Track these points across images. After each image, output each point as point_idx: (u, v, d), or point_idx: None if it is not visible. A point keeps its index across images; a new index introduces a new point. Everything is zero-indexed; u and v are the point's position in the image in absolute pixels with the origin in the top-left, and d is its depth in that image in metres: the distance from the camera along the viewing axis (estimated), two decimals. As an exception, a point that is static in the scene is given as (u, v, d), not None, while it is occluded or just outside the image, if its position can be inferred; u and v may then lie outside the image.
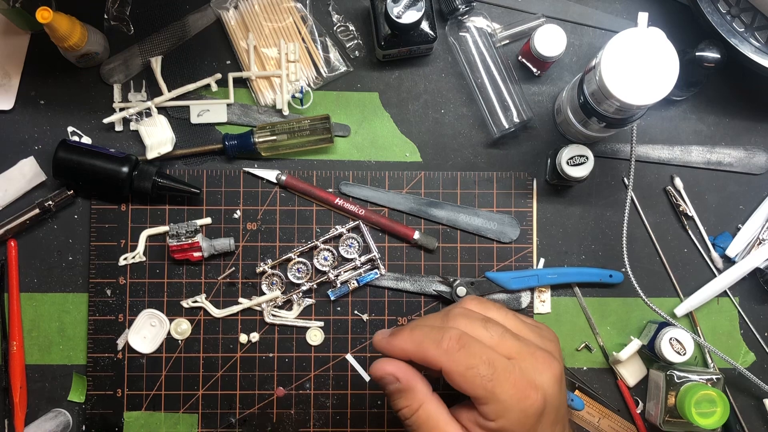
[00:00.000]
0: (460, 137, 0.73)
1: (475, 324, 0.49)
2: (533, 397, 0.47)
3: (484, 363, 0.47)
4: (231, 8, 0.72)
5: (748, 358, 0.72)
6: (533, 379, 0.48)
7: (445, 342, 0.47)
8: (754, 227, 0.73)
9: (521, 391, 0.47)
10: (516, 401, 0.46)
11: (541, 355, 0.49)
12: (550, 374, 0.48)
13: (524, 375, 0.47)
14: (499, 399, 0.46)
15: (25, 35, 0.72)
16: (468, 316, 0.50)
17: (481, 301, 0.53)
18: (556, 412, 0.49)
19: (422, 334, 0.49)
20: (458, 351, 0.47)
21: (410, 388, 0.49)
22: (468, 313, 0.51)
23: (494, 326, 0.49)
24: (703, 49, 0.66)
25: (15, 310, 0.70)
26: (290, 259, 0.71)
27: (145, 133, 0.71)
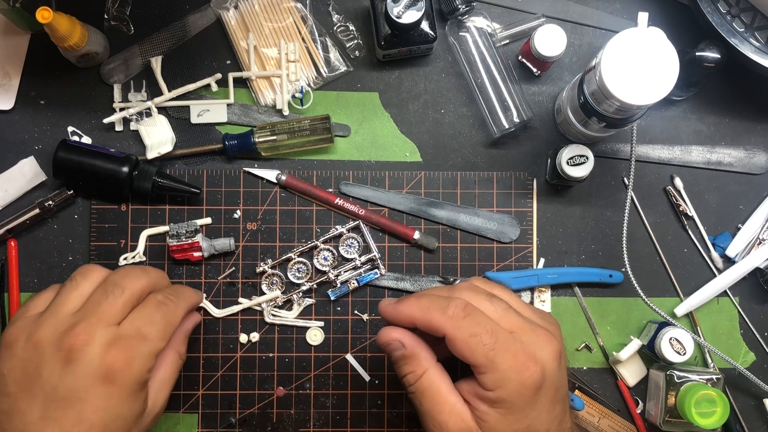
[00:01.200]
0: (460, 137, 0.73)
1: (480, 297, 0.51)
2: (532, 369, 0.48)
3: (487, 332, 0.48)
4: (231, 8, 0.72)
5: (748, 358, 0.72)
6: (533, 352, 0.49)
7: (451, 309, 0.49)
8: (754, 227, 0.73)
9: (521, 363, 0.48)
10: (515, 372, 0.48)
11: (542, 332, 0.50)
12: (550, 350, 0.50)
13: (525, 348, 0.49)
14: (498, 368, 0.48)
15: (25, 35, 0.72)
16: (473, 290, 0.52)
17: (486, 280, 0.56)
18: (555, 390, 0.50)
19: (429, 301, 0.51)
20: (463, 318, 0.49)
21: (415, 355, 0.51)
22: (474, 288, 0.53)
23: (498, 301, 0.51)
24: (703, 49, 0.66)
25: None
26: (290, 259, 0.71)
27: (145, 133, 0.71)
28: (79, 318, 0.52)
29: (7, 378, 0.51)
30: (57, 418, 0.49)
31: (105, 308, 0.53)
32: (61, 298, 0.54)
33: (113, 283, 0.54)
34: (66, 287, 0.55)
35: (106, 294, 0.54)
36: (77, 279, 0.55)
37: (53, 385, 0.50)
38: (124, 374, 0.51)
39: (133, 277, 0.56)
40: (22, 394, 0.50)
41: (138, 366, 0.52)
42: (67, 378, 0.50)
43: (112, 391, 0.51)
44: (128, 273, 0.56)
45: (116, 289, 0.54)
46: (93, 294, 0.54)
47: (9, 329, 0.53)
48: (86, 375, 0.50)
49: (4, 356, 0.52)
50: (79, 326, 0.51)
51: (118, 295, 0.54)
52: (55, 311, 0.53)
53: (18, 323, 0.54)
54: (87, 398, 0.50)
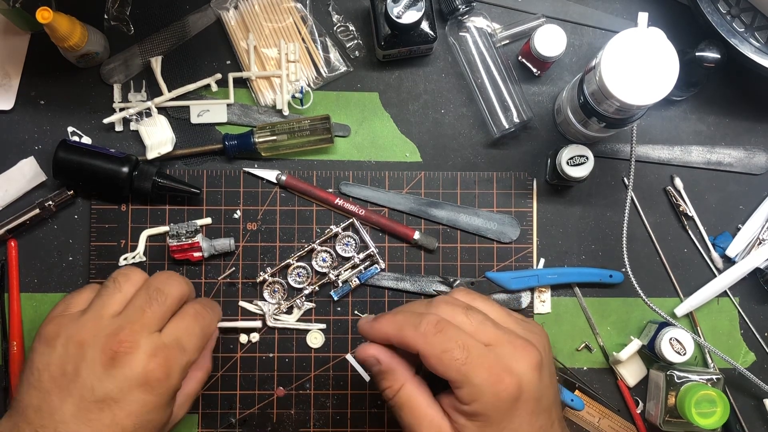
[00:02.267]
0: (460, 137, 0.73)
1: (456, 311, 0.51)
2: (507, 381, 0.48)
3: (458, 347, 0.48)
4: (231, 8, 0.72)
5: (748, 358, 0.72)
6: (509, 364, 0.48)
7: (423, 326, 0.49)
8: (754, 227, 0.73)
9: (494, 375, 0.48)
10: (489, 385, 0.48)
11: (520, 343, 0.50)
12: (527, 362, 0.49)
13: (499, 360, 0.48)
14: (472, 382, 0.48)
15: (25, 35, 0.72)
16: (450, 303, 0.52)
17: (468, 292, 0.55)
18: (536, 402, 0.49)
19: (403, 318, 0.51)
20: (434, 335, 0.49)
21: (391, 370, 0.52)
22: (451, 301, 0.52)
23: (475, 314, 0.51)
24: (703, 49, 0.66)
25: (15, 310, 0.70)
26: (289, 265, 0.71)
27: (145, 133, 0.71)
28: (124, 322, 0.53)
29: (42, 373, 0.51)
30: (91, 419, 0.50)
31: (149, 315, 0.53)
32: (104, 300, 0.54)
33: (157, 289, 0.55)
34: (108, 288, 0.55)
35: (150, 300, 0.54)
36: (120, 281, 0.56)
37: (91, 386, 0.50)
38: (162, 384, 0.52)
39: (175, 284, 0.56)
40: (56, 390, 0.51)
41: (175, 377, 0.53)
42: (107, 381, 0.50)
43: (148, 398, 0.51)
44: (169, 279, 0.57)
45: (160, 296, 0.54)
46: (136, 298, 0.55)
47: (48, 325, 0.54)
48: (127, 381, 0.51)
49: (42, 351, 0.52)
50: (124, 331, 0.52)
51: (162, 303, 0.54)
52: (98, 312, 0.53)
53: (58, 320, 0.54)
54: (123, 403, 0.50)
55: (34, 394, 0.51)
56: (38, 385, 0.51)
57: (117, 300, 0.54)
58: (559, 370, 0.71)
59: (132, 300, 0.55)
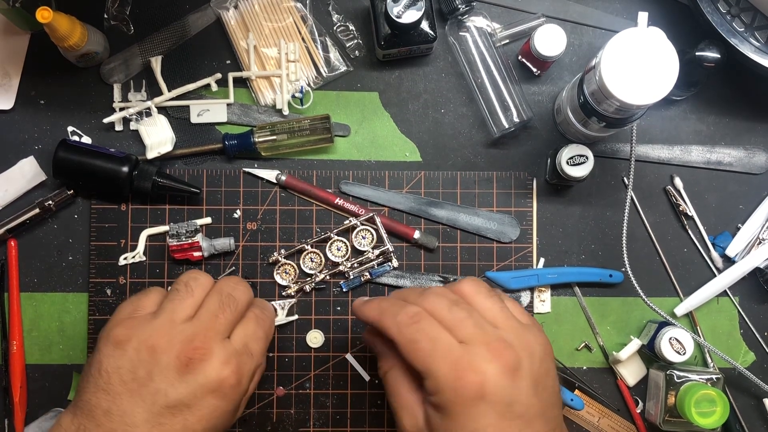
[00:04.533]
0: (460, 137, 0.73)
1: (441, 304, 0.52)
2: (468, 379, 0.48)
3: (427, 339, 0.50)
4: (231, 8, 0.72)
5: (748, 357, 0.72)
6: (477, 364, 0.49)
7: (401, 315, 0.51)
8: (754, 227, 0.73)
9: (457, 371, 0.48)
10: (449, 380, 0.48)
11: (496, 345, 0.50)
12: (498, 364, 0.49)
13: (468, 358, 0.49)
14: (434, 375, 0.49)
15: (25, 35, 0.72)
16: (440, 295, 0.53)
17: (477, 283, 0.55)
18: (507, 406, 0.49)
19: (387, 305, 0.54)
20: (408, 326, 0.51)
21: (382, 353, 0.55)
22: (442, 293, 0.53)
23: (459, 309, 0.52)
24: (703, 49, 0.66)
25: (15, 310, 0.70)
26: (303, 250, 0.71)
27: (145, 133, 0.71)
28: (197, 328, 0.53)
29: (112, 376, 0.51)
30: (163, 423, 0.50)
31: (222, 321, 0.54)
32: (176, 304, 0.54)
33: (228, 295, 0.55)
34: (180, 292, 0.55)
35: (222, 306, 0.55)
36: (192, 285, 0.56)
37: (164, 391, 0.50)
38: (234, 390, 0.52)
39: (244, 289, 0.57)
40: (127, 394, 0.50)
41: (246, 382, 0.54)
42: (181, 387, 0.50)
43: (220, 404, 0.52)
44: (238, 285, 0.57)
45: (232, 302, 0.55)
46: (208, 303, 0.55)
47: (118, 327, 0.53)
48: (200, 387, 0.51)
49: (112, 354, 0.52)
50: (198, 338, 0.52)
51: (234, 309, 0.55)
52: (171, 317, 0.53)
53: (129, 322, 0.53)
54: (195, 408, 0.51)
55: (103, 396, 0.51)
56: (107, 387, 0.51)
57: (189, 305, 0.54)
58: (558, 369, 0.71)
59: (204, 305, 0.55)
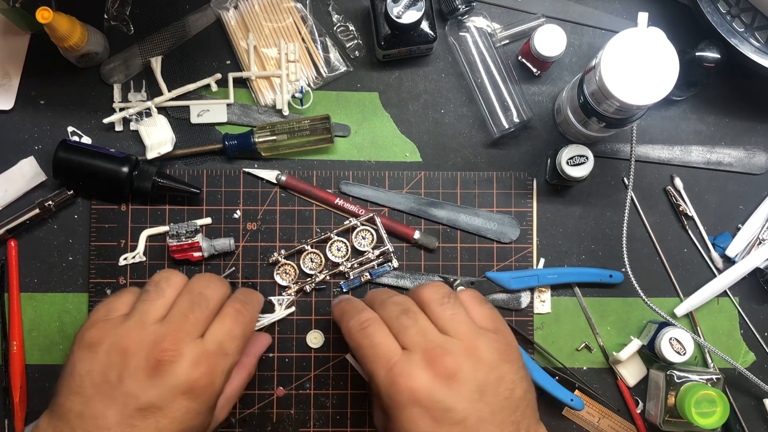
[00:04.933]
0: (460, 137, 0.73)
1: (392, 311, 0.55)
2: (401, 384, 0.51)
3: (369, 345, 0.53)
4: (231, 8, 0.72)
5: (748, 358, 0.72)
6: (411, 371, 0.51)
7: (353, 322, 0.56)
8: (754, 227, 0.73)
9: (392, 378, 0.51)
10: (386, 385, 0.52)
11: (434, 353, 0.52)
12: (432, 371, 0.51)
13: (404, 365, 0.52)
14: (374, 379, 0.53)
15: (25, 35, 0.72)
16: (395, 303, 0.56)
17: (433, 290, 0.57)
18: (443, 412, 0.50)
19: (349, 309, 0.58)
20: (357, 331, 0.55)
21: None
22: (400, 302, 0.56)
23: (407, 317, 0.54)
24: (703, 49, 0.66)
25: (15, 310, 0.70)
26: (303, 250, 0.71)
27: (145, 133, 0.71)
28: (167, 330, 0.52)
29: (85, 379, 0.51)
30: (135, 425, 0.50)
31: (192, 321, 0.53)
32: (147, 305, 0.54)
33: (199, 294, 0.55)
34: (151, 293, 0.55)
35: (192, 305, 0.54)
36: (162, 285, 0.55)
37: (135, 393, 0.50)
38: (206, 391, 0.52)
39: (216, 287, 0.57)
40: (99, 397, 0.50)
41: (219, 382, 0.53)
42: (152, 389, 0.50)
43: (192, 405, 0.51)
44: (210, 282, 0.57)
45: (203, 301, 0.55)
46: (178, 303, 0.54)
47: (90, 330, 0.53)
48: (171, 389, 0.51)
49: (84, 357, 0.52)
50: (167, 340, 0.51)
51: (204, 308, 0.54)
52: (141, 318, 0.53)
53: (101, 324, 0.53)
54: (167, 410, 0.50)
55: (76, 399, 0.51)
56: (80, 390, 0.51)
57: (160, 305, 0.54)
58: (559, 369, 0.71)
59: (174, 305, 0.54)
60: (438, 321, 0.54)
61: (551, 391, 0.68)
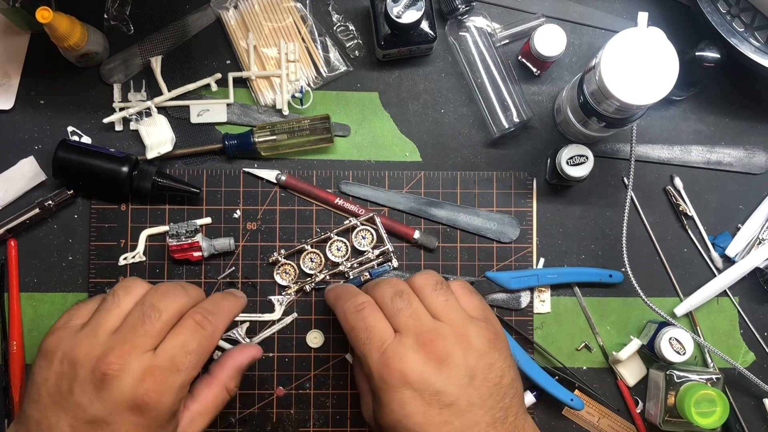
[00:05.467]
0: (460, 137, 0.73)
1: (385, 294, 0.56)
2: (392, 367, 0.52)
3: (364, 327, 0.54)
4: (231, 8, 0.72)
5: (748, 357, 0.72)
6: (404, 353, 0.52)
7: (348, 304, 0.57)
8: (754, 227, 0.73)
9: (384, 360, 0.52)
10: (377, 367, 0.53)
11: (427, 337, 0.53)
12: (424, 354, 0.52)
13: (397, 348, 0.53)
14: (367, 361, 0.54)
15: (25, 35, 0.72)
16: (390, 285, 0.57)
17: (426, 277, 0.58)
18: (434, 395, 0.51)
19: (343, 293, 0.59)
20: (352, 314, 0.56)
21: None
22: (393, 284, 0.57)
23: (401, 300, 0.55)
24: (703, 49, 0.66)
25: (15, 310, 0.70)
26: (303, 250, 0.71)
27: (145, 133, 0.71)
28: (116, 342, 0.51)
29: (41, 387, 0.51)
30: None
31: (140, 334, 0.52)
32: (102, 315, 0.53)
33: (151, 305, 0.53)
34: (108, 302, 0.54)
35: (143, 317, 0.52)
36: (119, 294, 0.54)
37: (83, 405, 0.50)
38: (153, 407, 0.50)
39: (173, 297, 0.54)
40: (53, 407, 0.50)
41: (169, 398, 0.51)
42: (98, 402, 0.50)
43: (140, 421, 0.50)
44: (168, 292, 0.55)
45: (154, 313, 0.53)
46: (131, 314, 0.53)
47: (49, 338, 0.53)
48: (116, 403, 0.50)
49: (42, 365, 0.52)
50: (114, 353, 0.50)
51: (155, 320, 0.53)
52: (94, 329, 0.52)
53: (58, 333, 0.53)
54: (115, 424, 0.50)
55: (34, 407, 0.51)
56: (37, 399, 0.51)
57: (114, 316, 0.53)
58: (558, 369, 0.71)
59: (126, 317, 0.53)
60: (430, 306, 0.56)
61: (551, 390, 0.69)
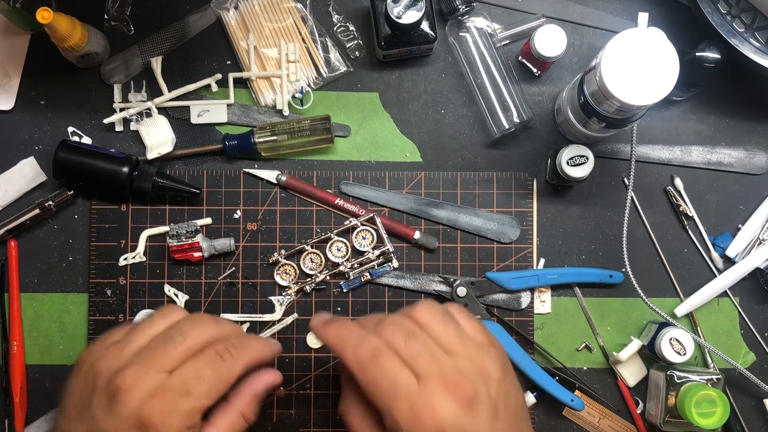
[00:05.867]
0: (460, 137, 0.73)
1: (398, 335, 0.51)
2: (426, 419, 0.47)
3: (386, 379, 0.49)
4: (231, 8, 0.72)
5: (748, 358, 0.72)
6: (434, 403, 0.48)
7: (361, 351, 0.50)
8: (754, 227, 0.73)
9: (415, 413, 0.48)
10: (407, 422, 0.48)
11: (452, 379, 0.49)
12: (455, 399, 0.48)
13: (425, 396, 0.48)
14: (393, 415, 0.48)
15: (25, 35, 0.72)
16: (397, 325, 0.52)
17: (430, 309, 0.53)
18: None
19: (347, 335, 0.52)
20: (368, 362, 0.50)
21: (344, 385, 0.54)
22: (399, 322, 0.52)
23: (415, 341, 0.51)
24: (703, 49, 0.66)
25: (15, 310, 0.70)
26: (303, 250, 0.71)
27: (145, 134, 0.71)
28: (136, 359, 0.52)
29: (69, 397, 0.52)
30: None
31: (161, 354, 0.52)
32: (133, 334, 0.54)
33: (178, 329, 0.53)
34: (143, 323, 0.55)
35: (166, 340, 0.53)
36: (155, 317, 0.55)
37: (97, 418, 0.50)
38: (158, 427, 0.49)
39: (202, 326, 0.54)
40: (75, 417, 0.51)
41: (175, 421, 0.50)
42: (108, 416, 0.50)
43: None
44: (197, 321, 0.55)
45: (178, 336, 0.53)
46: (158, 335, 0.54)
47: (84, 350, 0.54)
48: (123, 419, 0.49)
49: (73, 375, 0.53)
50: (130, 368, 0.50)
51: (178, 343, 0.52)
52: (122, 345, 0.53)
53: (92, 346, 0.54)
54: None
55: (63, 417, 0.52)
56: (65, 409, 0.52)
57: (144, 335, 0.54)
58: (559, 370, 0.71)
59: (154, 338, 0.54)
60: (442, 341, 0.52)
61: (551, 391, 0.69)
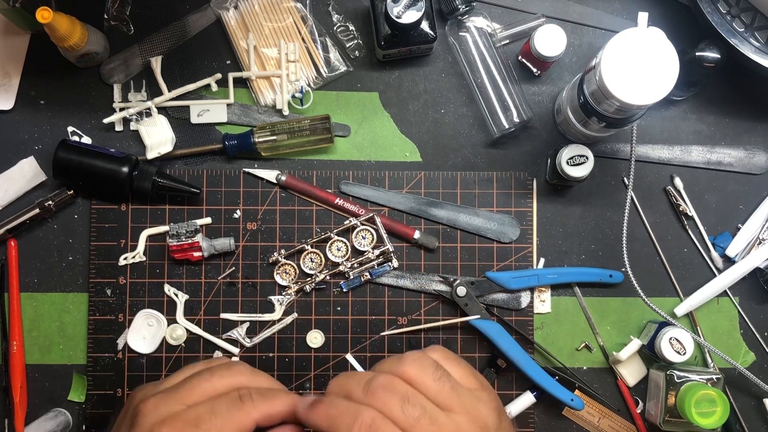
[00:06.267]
0: (460, 137, 0.73)
1: (393, 402, 0.48)
2: None
3: None
4: (231, 8, 0.72)
5: (748, 357, 0.72)
6: None
7: (356, 427, 0.47)
8: (754, 227, 0.73)
9: None
10: None
11: None
12: None
13: None
14: None
15: (25, 35, 0.72)
16: (389, 390, 0.49)
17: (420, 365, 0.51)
18: None
19: (338, 413, 0.49)
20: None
21: None
22: (390, 386, 0.50)
23: (412, 406, 0.48)
24: (703, 49, 0.66)
25: (15, 310, 0.70)
26: (303, 250, 0.71)
27: (145, 133, 0.71)
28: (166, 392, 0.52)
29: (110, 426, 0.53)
30: None
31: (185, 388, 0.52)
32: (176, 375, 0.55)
33: (209, 369, 0.54)
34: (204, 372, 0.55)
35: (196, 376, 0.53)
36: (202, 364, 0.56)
37: None
38: None
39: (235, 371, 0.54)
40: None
41: None
42: None
43: None
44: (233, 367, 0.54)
45: (206, 374, 0.53)
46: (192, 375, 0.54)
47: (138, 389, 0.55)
48: None
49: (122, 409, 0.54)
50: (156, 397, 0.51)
51: (204, 380, 0.53)
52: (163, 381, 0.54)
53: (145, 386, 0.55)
54: None
55: None
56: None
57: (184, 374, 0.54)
58: (559, 369, 0.71)
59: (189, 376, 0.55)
60: (438, 399, 0.49)
61: (551, 391, 0.69)
